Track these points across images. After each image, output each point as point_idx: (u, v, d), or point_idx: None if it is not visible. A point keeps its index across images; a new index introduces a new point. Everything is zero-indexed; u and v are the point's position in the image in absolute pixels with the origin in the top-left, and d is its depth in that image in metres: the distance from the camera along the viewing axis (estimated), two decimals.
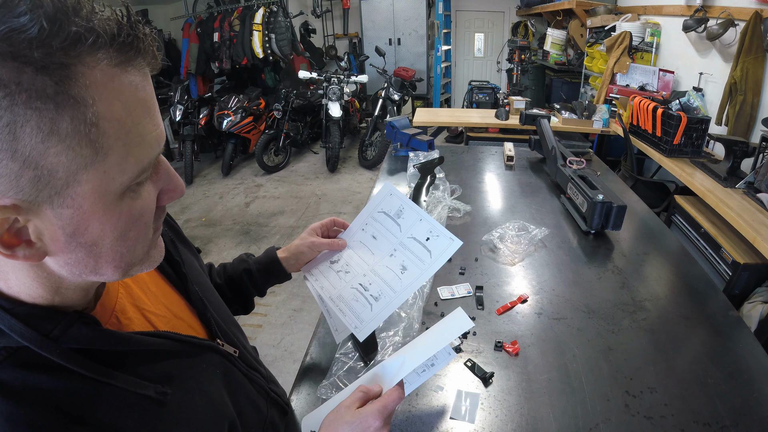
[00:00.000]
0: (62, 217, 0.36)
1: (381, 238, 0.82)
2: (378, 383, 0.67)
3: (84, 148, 0.34)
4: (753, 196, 2.03)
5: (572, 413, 0.83)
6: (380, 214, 0.83)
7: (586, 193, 1.45)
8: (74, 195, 0.35)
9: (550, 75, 5.45)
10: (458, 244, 0.77)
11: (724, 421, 0.80)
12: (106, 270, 0.41)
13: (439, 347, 0.70)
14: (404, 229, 0.81)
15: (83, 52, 0.33)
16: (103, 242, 0.39)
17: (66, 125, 0.33)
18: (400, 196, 0.84)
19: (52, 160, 0.33)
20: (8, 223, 0.35)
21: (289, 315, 2.70)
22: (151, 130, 0.39)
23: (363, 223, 0.85)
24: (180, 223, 3.95)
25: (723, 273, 2.02)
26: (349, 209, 4.13)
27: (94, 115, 0.34)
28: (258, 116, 5.05)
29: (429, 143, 2.14)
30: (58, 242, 0.37)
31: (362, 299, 0.78)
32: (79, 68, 0.33)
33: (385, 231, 0.83)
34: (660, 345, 0.99)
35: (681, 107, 2.69)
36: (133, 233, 0.41)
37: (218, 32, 5.14)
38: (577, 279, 1.23)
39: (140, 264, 0.45)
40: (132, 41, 0.36)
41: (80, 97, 0.33)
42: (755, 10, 2.32)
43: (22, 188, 0.33)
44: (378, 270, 0.80)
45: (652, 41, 3.46)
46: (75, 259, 0.39)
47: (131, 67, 0.36)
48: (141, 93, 0.37)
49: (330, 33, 6.82)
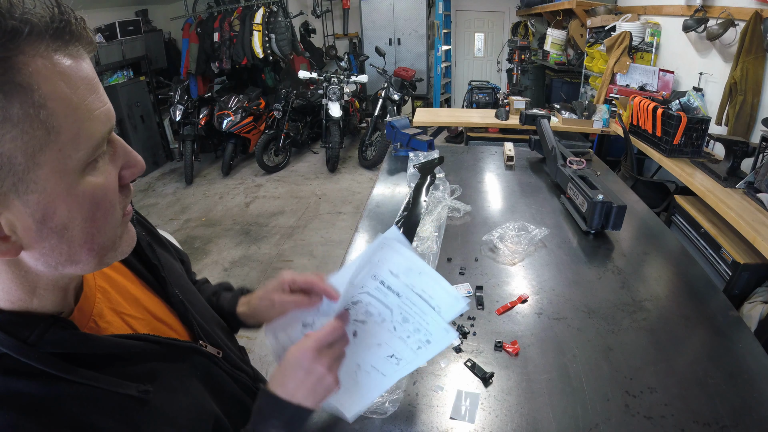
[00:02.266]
0: (29, 203, 0.37)
1: (373, 322, 0.67)
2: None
3: (37, 129, 0.36)
4: (753, 196, 2.03)
5: (572, 413, 0.83)
6: (373, 279, 0.66)
7: (586, 193, 1.45)
8: (36, 179, 0.37)
9: (550, 75, 5.45)
10: (464, 303, 0.64)
11: (724, 421, 0.80)
12: (81, 255, 0.42)
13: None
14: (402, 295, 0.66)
15: (22, 43, 0.35)
16: (72, 225, 0.40)
17: (16, 110, 0.35)
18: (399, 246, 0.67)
19: (9, 146, 0.35)
20: None
21: None
22: (98, 106, 0.40)
23: (351, 297, 0.67)
24: (180, 223, 3.96)
25: (723, 273, 2.02)
26: (349, 209, 4.13)
27: (41, 97, 0.36)
28: (258, 116, 5.06)
29: (429, 143, 2.14)
30: (30, 231, 0.38)
31: (349, 380, 0.67)
32: (21, 58, 0.35)
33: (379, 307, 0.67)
34: (660, 345, 0.99)
35: (681, 107, 2.69)
36: (101, 213, 0.42)
37: (218, 32, 5.14)
38: (577, 279, 1.23)
39: (113, 250, 0.45)
40: (65, 26, 0.37)
41: (26, 83, 0.35)
42: (755, 10, 2.32)
43: None
44: (367, 356, 0.68)
45: (652, 41, 3.46)
46: (49, 247, 0.40)
47: (68, 50, 0.38)
48: (81, 72, 0.39)
49: (330, 33, 6.82)
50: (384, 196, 1.78)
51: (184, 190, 4.65)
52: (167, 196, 4.56)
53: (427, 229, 1.44)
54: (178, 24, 5.60)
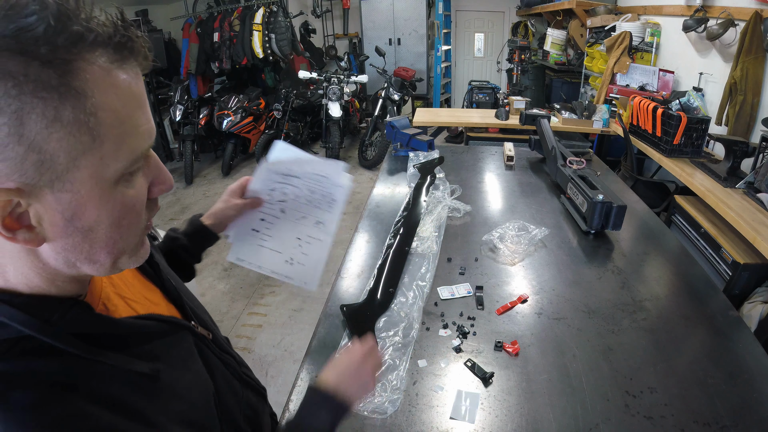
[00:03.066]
0: (62, 201, 0.39)
1: (289, 195, 0.87)
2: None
3: (83, 135, 0.37)
4: (753, 196, 2.03)
5: (572, 413, 0.83)
6: (277, 174, 0.86)
7: (586, 193, 1.45)
8: (73, 180, 0.38)
9: (550, 75, 5.44)
10: (342, 164, 0.85)
11: (724, 421, 0.81)
12: (100, 256, 0.44)
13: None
14: (302, 177, 0.86)
15: (83, 50, 0.36)
16: (98, 228, 0.42)
17: (68, 114, 0.36)
18: (291, 150, 0.88)
19: (55, 145, 0.36)
20: (11, 206, 0.37)
21: (289, 315, 2.70)
22: (143, 123, 0.42)
23: (268, 186, 0.88)
24: (180, 223, 3.96)
25: (723, 273, 2.02)
26: (349, 209, 4.13)
27: (93, 105, 0.37)
28: (258, 116, 5.05)
29: (429, 143, 2.14)
30: (56, 227, 0.40)
31: (299, 254, 0.87)
32: (80, 63, 0.36)
33: (288, 187, 0.87)
34: (660, 345, 0.99)
35: (681, 107, 2.69)
36: (127, 221, 0.44)
37: (218, 32, 5.14)
38: (577, 279, 1.23)
39: (129, 256, 0.47)
40: (126, 42, 0.39)
41: (81, 89, 0.36)
42: (755, 10, 2.32)
43: (25, 171, 0.36)
44: (301, 230, 0.88)
45: (652, 41, 3.46)
46: (71, 244, 0.41)
47: (125, 65, 0.40)
48: (134, 88, 0.41)
49: (330, 33, 6.81)
50: (384, 196, 1.78)
51: (184, 190, 4.65)
52: (167, 196, 4.56)
53: (427, 229, 1.44)
54: (178, 24, 5.60)
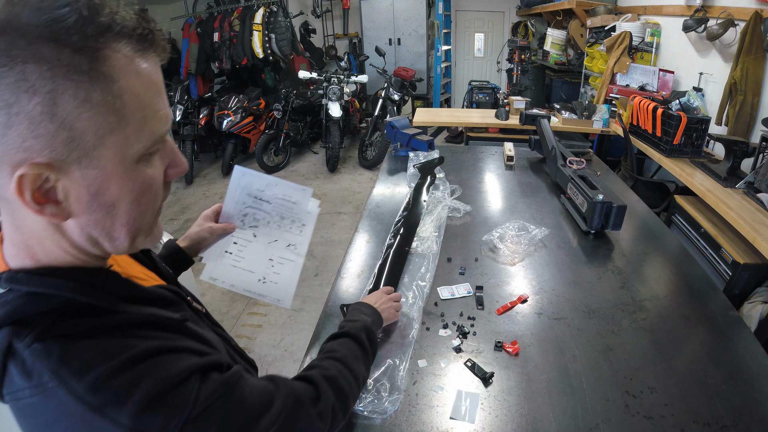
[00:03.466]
0: (88, 177, 0.43)
1: (261, 221, 0.92)
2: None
3: (110, 115, 0.41)
4: (753, 196, 2.03)
5: (572, 413, 0.83)
6: (248, 197, 0.91)
7: (586, 193, 1.45)
8: (99, 156, 0.42)
9: (550, 75, 5.44)
10: (310, 191, 0.92)
11: (724, 421, 0.81)
12: (120, 233, 0.47)
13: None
14: (272, 202, 0.92)
15: (110, 39, 0.41)
16: (120, 204, 0.46)
17: (97, 95, 0.40)
18: (250, 173, 0.92)
19: (84, 124, 0.40)
20: (41, 180, 0.41)
21: (289, 315, 2.70)
22: (162, 108, 0.46)
23: (240, 212, 0.92)
24: (180, 223, 3.96)
25: (723, 273, 2.02)
26: (349, 209, 4.13)
27: (119, 89, 0.41)
28: (258, 116, 5.05)
29: (429, 143, 2.14)
30: (81, 202, 0.44)
31: (272, 274, 0.91)
32: (107, 51, 0.41)
33: (259, 212, 0.92)
34: (660, 345, 0.99)
35: (681, 107, 2.69)
36: (145, 199, 0.48)
37: (218, 32, 5.14)
38: (577, 279, 1.23)
39: (145, 235, 0.51)
40: (147, 34, 0.44)
41: (108, 74, 0.41)
42: (755, 10, 2.32)
43: (56, 148, 0.40)
44: (273, 252, 0.92)
45: (652, 41, 3.46)
46: (94, 220, 0.45)
47: (146, 55, 0.44)
48: (154, 76, 0.45)
49: (330, 33, 6.81)
50: (384, 196, 1.78)
51: (184, 190, 4.65)
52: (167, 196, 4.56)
53: (427, 229, 1.44)
54: (178, 24, 5.60)
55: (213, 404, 0.47)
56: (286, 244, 0.92)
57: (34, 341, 0.42)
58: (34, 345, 0.42)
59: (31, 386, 0.42)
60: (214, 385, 0.48)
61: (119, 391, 0.42)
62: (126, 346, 0.45)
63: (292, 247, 0.92)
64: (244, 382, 0.52)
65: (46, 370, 0.41)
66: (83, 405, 0.41)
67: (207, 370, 0.48)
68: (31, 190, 0.40)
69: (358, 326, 0.83)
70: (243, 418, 0.50)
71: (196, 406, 0.45)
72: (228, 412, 0.48)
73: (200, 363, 0.48)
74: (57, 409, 0.42)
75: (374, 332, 0.85)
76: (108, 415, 0.41)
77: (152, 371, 0.44)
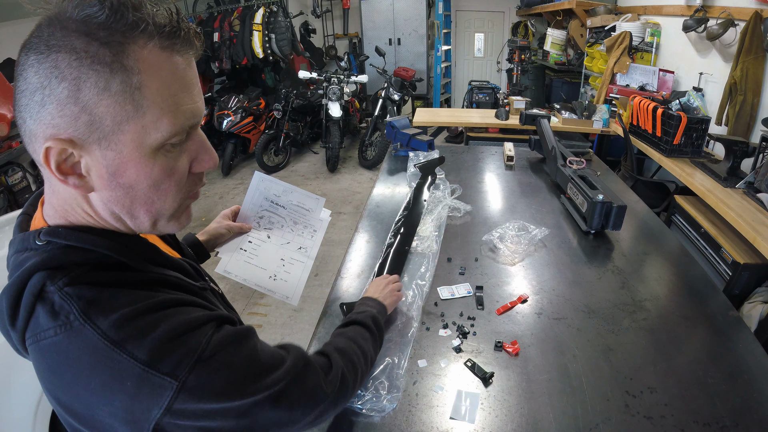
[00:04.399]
0: (107, 157, 0.47)
1: (276, 224, 0.98)
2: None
3: (128, 104, 0.45)
4: (753, 196, 2.03)
5: (572, 413, 0.83)
6: (265, 201, 0.98)
7: (586, 193, 1.45)
8: (117, 141, 0.46)
9: (550, 75, 5.44)
10: (323, 200, 1.02)
11: (724, 421, 0.80)
12: (139, 213, 0.51)
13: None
14: (287, 207, 0.99)
15: (137, 35, 0.44)
16: (138, 186, 0.49)
17: (116, 85, 0.44)
18: (268, 179, 0.99)
19: (103, 110, 0.44)
20: (66, 154, 0.46)
21: (289, 315, 2.70)
22: (186, 103, 0.49)
23: (257, 214, 0.99)
24: None
25: (723, 273, 2.02)
26: (349, 209, 4.13)
27: (139, 81, 0.45)
28: (258, 116, 5.05)
29: (429, 143, 2.14)
30: (102, 179, 0.48)
31: (282, 272, 0.96)
32: (132, 47, 0.44)
33: (275, 216, 0.98)
34: (660, 345, 0.99)
35: (681, 107, 2.69)
36: (165, 186, 0.51)
37: (218, 32, 5.13)
38: (577, 279, 1.23)
39: (168, 220, 0.54)
40: (176, 32, 0.46)
41: (129, 67, 0.44)
42: (755, 10, 2.32)
43: (78, 128, 0.45)
44: (284, 253, 0.98)
45: (652, 41, 3.46)
46: (115, 197, 0.49)
47: (175, 52, 0.47)
48: (180, 72, 0.48)
49: (330, 33, 6.81)
50: (384, 196, 1.78)
51: None
52: None
53: (427, 229, 1.44)
54: None
55: (225, 349, 0.50)
56: (297, 247, 0.98)
57: (67, 284, 0.46)
58: (66, 288, 0.46)
59: (56, 325, 0.45)
60: (227, 333, 0.51)
61: (140, 329, 0.46)
62: (151, 296, 0.49)
63: (303, 250, 0.98)
64: (257, 339, 0.56)
65: (75, 309, 0.45)
66: (106, 340, 0.44)
67: (221, 322, 0.52)
68: (56, 162, 0.45)
69: (365, 315, 0.87)
70: (253, 367, 0.52)
71: (207, 348, 0.48)
72: (239, 358, 0.51)
73: (216, 315, 0.52)
74: (80, 347, 0.45)
75: (381, 320, 0.89)
76: (127, 350, 0.45)
77: (172, 316, 0.48)
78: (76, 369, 0.46)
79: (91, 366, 0.45)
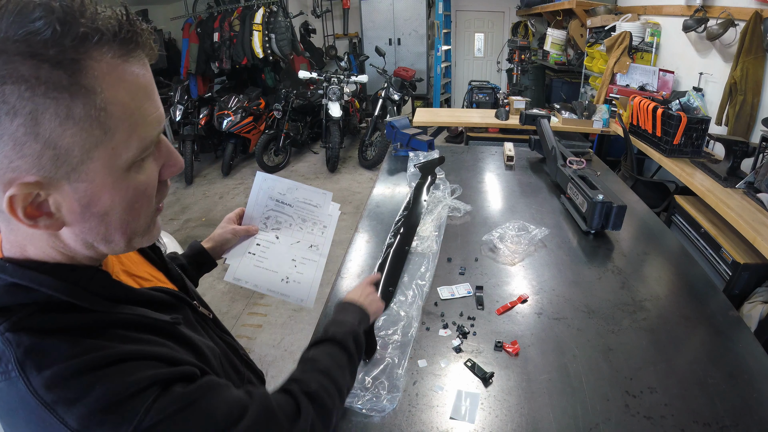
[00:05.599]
0: (78, 190, 0.42)
1: (284, 224, 0.95)
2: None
3: (95, 129, 0.40)
4: (753, 196, 2.03)
5: (572, 413, 0.83)
6: (270, 200, 0.95)
7: (586, 193, 1.45)
8: (88, 170, 0.42)
9: (550, 75, 5.44)
10: (330, 195, 0.96)
11: (724, 421, 0.80)
12: (115, 236, 0.47)
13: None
14: (294, 205, 0.95)
15: (90, 48, 0.38)
16: (113, 212, 0.45)
17: (79, 110, 0.39)
18: (271, 178, 0.95)
19: (69, 140, 0.39)
20: (31, 198, 0.41)
21: (289, 315, 2.70)
22: (151, 112, 0.45)
23: (262, 215, 0.95)
24: (180, 223, 3.96)
25: (723, 273, 2.02)
26: (350, 209, 4.13)
27: (103, 101, 0.40)
28: (258, 116, 5.05)
29: (429, 143, 2.14)
30: (74, 213, 0.43)
31: (295, 274, 0.92)
32: (88, 62, 0.38)
33: (282, 215, 0.95)
34: (660, 345, 0.99)
35: (681, 107, 2.69)
36: (139, 204, 0.47)
37: (218, 32, 5.13)
38: (577, 279, 1.23)
39: (142, 236, 0.51)
40: (131, 36, 0.41)
41: (90, 87, 0.39)
42: (755, 10, 2.32)
43: (43, 166, 0.39)
44: (295, 252, 0.94)
45: (652, 41, 3.46)
46: (89, 228, 0.45)
47: (132, 59, 0.42)
48: (141, 80, 0.43)
49: (330, 33, 6.81)
50: (384, 196, 1.78)
51: (184, 190, 4.65)
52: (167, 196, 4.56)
53: (427, 229, 1.44)
54: (178, 24, 5.60)
55: (169, 417, 0.44)
56: (308, 245, 0.94)
57: (7, 330, 0.43)
58: (7, 333, 0.43)
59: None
60: (173, 397, 0.46)
61: (72, 392, 0.42)
62: (94, 347, 0.44)
63: (314, 248, 0.94)
64: (213, 394, 0.50)
65: (12, 359, 0.42)
66: (37, 399, 0.41)
67: (170, 383, 0.46)
68: (22, 208, 0.41)
69: (345, 331, 0.77)
70: (205, 431, 0.47)
71: (146, 417, 0.43)
72: (186, 426, 0.46)
73: (164, 374, 0.46)
74: (17, 399, 0.42)
75: (361, 336, 0.80)
76: (57, 414, 0.41)
77: (109, 377, 0.43)
78: (15, 419, 0.43)
79: (26, 421, 0.42)
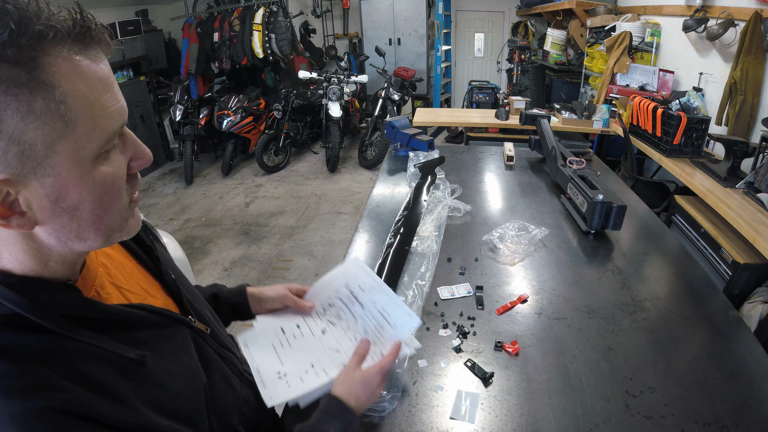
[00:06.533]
0: (46, 185, 0.42)
1: (341, 324, 0.78)
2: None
3: (56, 122, 0.41)
4: (753, 196, 2.03)
5: (572, 413, 0.83)
6: (344, 288, 0.81)
7: (586, 193, 1.45)
8: (53, 164, 0.42)
9: (550, 75, 5.44)
10: (417, 321, 0.79)
11: (724, 421, 0.80)
12: (89, 233, 0.47)
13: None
14: (365, 308, 0.78)
15: (47, 46, 0.40)
16: (83, 206, 0.45)
17: (39, 105, 0.39)
18: (364, 268, 0.81)
19: (32, 135, 0.40)
20: (2, 196, 0.41)
21: None
22: (112, 104, 0.45)
23: (327, 300, 0.81)
24: (180, 223, 3.97)
25: (723, 273, 2.02)
26: (349, 209, 4.13)
27: (62, 94, 0.40)
28: (258, 116, 5.05)
29: (429, 143, 2.14)
30: (45, 210, 0.43)
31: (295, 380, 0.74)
32: (45, 59, 0.40)
33: (345, 312, 0.79)
34: (660, 345, 0.99)
35: (681, 107, 2.69)
36: (108, 198, 0.47)
37: (218, 32, 5.13)
38: (577, 279, 1.23)
39: (119, 231, 0.50)
40: (86, 32, 0.42)
41: (48, 81, 0.40)
42: (755, 10, 2.32)
43: (9, 163, 0.40)
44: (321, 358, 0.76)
45: (652, 41, 3.46)
46: (60, 225, 0.45)
47: (88, 53, 0.43)
48: (99, 73, 0.44)
49: (330, 33, 6.81)
50: (384, 196, 1.78)
51: (184, 190, 4.65)
52: (167, 196, 4.56)
53: (427, 229, 1.44)
54: (178, 24, 5.60)
55: None
56: (341, 363, 0.74)
57: None
58: None
59: None
60: None
61: None
62: (40, 385, 0.42)
63: (341, 366, 0.74)
64: None
65: None
66: None
67: None
68: None
69: None
70: None
71: None
72: None
73: None
74: None
75: None
76: None
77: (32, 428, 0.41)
78: None
79: None
